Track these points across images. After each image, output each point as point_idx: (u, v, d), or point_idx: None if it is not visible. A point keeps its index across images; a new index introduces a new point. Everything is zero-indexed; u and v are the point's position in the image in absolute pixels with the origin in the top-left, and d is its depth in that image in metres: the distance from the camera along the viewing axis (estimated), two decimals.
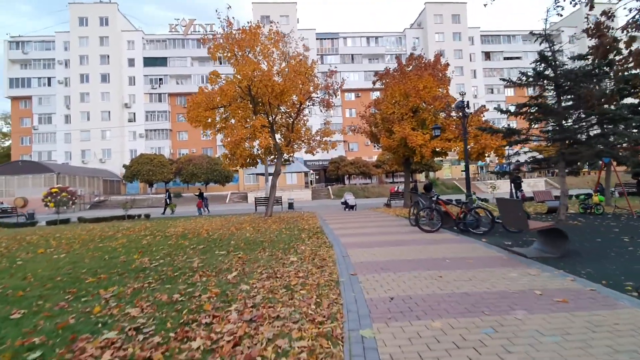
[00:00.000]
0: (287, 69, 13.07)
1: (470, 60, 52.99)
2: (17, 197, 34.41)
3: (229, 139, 11.99)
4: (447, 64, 17.32)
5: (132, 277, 5.15)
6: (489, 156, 17.06)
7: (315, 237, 8.30)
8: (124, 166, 41.66)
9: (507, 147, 14.40)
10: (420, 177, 48.90)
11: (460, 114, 9.19)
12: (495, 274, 4.41)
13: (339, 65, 53.13)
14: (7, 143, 59.54)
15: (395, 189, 29.44)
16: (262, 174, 36.35)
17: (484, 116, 16.76)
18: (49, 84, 49.89)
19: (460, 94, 10.00)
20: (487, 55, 54.39)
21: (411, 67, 17.44)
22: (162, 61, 51.05)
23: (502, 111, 9.27)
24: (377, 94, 17.58)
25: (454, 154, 19.39)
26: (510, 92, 54.13)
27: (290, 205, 20.36)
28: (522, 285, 3.91)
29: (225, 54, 13.30)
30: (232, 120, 14.09)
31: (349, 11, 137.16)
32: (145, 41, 51.64)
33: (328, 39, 53.19)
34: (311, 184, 46.61)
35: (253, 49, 13.41)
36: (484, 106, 17.17)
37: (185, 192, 43.18)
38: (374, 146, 21.41)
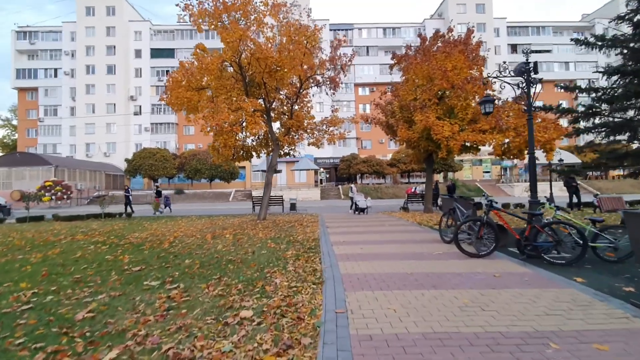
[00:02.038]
0: (283, 39, 10.52)
1: (495, 53, 49.26)
2: (13, 190, 33.11)
3: (209, 123, 9.59)
4: (480, 42, 14.44)
5: None
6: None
7: (305, 257, 5.74)
8: (126, 160, 40.10)
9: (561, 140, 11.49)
10: (438, 177, 45.68)
11: (523, 85, 6.37)
12: None
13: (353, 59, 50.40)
14: (17, 135, 59.22)
15: (412, 190, 26.57)
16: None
17: (523, 104, 13.81)
18: (55, 75, 48.96)
19: (524, 52, 7.25)
20: (514, 48, 50.57)
21: (436, 47, 14.62)
22: (169, 52, 49.35)
23: (578, 89, 6.45)
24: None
25: (483, 150, 16.56)
26: (537, 87, 50.13)
27: (293, 206, 17.88)
28: None
29: (210, 22, 10.87)
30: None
31: (364, 1, 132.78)
32: (152, 32, 50.10)
33: (342, 30, 50.43)
34: (320, 182, 44.09)
35: (245, 16, 10.93)
36: (521, 96, 14.22)
37: (189, 188, 41.32)
38: (390, 140, 18.62)
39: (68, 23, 48.92)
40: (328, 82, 12.11)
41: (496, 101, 13.99)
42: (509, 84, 6.47)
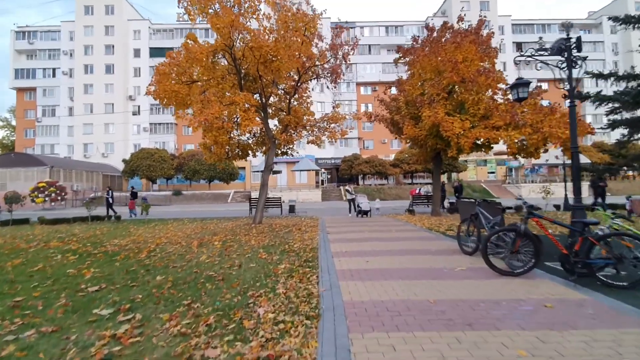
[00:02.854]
0: (279, 25, 9.56)
1: (500, 51, 48.03)
2: (7, 191, 32.29)
3: (197, 118, 8.66)
4: (492, 32, 13.48)
5: None
6: (546, 151, 13.11)
7: (300, 274, 4.79)
8: (123, 161, 39.29)
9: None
10: (442, 178, 44.63)
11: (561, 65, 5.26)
12: None
13: (355, 57, 49.23)
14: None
15: (417, 191, 25.54)
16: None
17: (541, 99, 12.82)
18: (54, 75, 48.33)
19: (563, 25, 6.24)
20: (519, 47, 49.38)
21: (444, 39, 13.65)
22: (169, 52, 48.52)
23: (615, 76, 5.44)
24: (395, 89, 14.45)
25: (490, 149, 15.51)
26: (543, 85, 49.07)
27: (292, 209, 16.94)
28: None
29: (201, 9, 9.96)
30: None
31: (367, 0, 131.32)
32: (152, 31, 49.39)
33: (343, 28, 49.40)
34: (322, 183, 43.13)
35: (238, 2, 10.00)
36: (540, 86, 13.25)
37: (188, 189, 40.46)
38: (395, 138, 17.63)
39: (67, 22, 48.32)
40: (328, 75, 11.15)
41: (509, 95, 13.04)
42: (546, 64, 5.53)
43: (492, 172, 47.80)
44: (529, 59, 5.91)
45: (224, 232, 9.88)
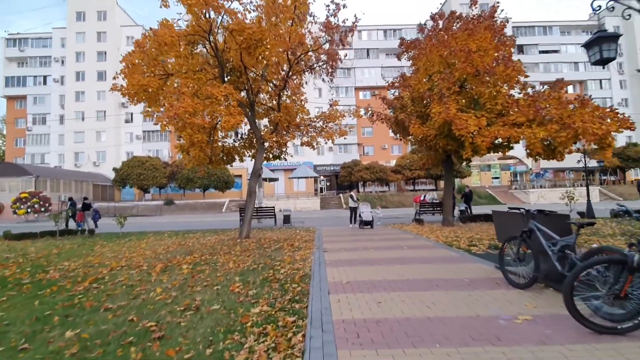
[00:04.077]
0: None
1: None
2: None
3: (167, 114, 7.18)
4: (507, 20, 12.08)
5: None
6: (570, 152, 11.62)
7: (279, 326, 3.21)
8: (114, 169, 37.71)
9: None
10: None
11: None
12: None
13: (352, 61, 48.41)
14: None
15: (421, 198, 23.98)
16: (265, 179, 31.62)
17: (566, 92, 11.36)
18: (45, 83, 47.15)
19: None
20: (521, 49, 48.34)
21: (455, 27, 12.26)
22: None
23: None
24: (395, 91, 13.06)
25: (492, 154, 14.03)
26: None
27: (287, 219, 15.35)
28: None
29: None
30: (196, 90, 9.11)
31: (364, 2, 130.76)
32: None
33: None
34: (320, 191, 41.57)
35: None
36: (562, 79, 11.81)
37: (182, 198, 38.84)
38: (395, 143, 16.19)
39: (58, 29, 47.33)
40: (324, 66, 9.69)
41: (529, 89, 11.62)
42: (636, 10, 4.07)
43: (497, 178, 46.34)
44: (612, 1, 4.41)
45: (202, 250, 8.30)
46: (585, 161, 14.67)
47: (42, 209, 28.44)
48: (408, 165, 37.98)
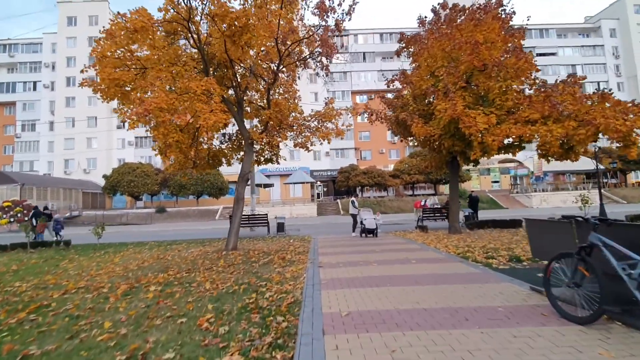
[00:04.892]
0: None
1: None
2: None
3: (135, 109, 6.21)
4: (513, 12, 11.26)
5: None
6: (585, 152, 10.76)
7: None
8: (104, 176, 36.53)
9: None
10: (444, 189, 42.28)
11: None
12: None
13: (349, 65, 47.83)
14: None
15: (422, 202, 23.03)
16: (260, 185, 30.58)
17: (581, 88, 10.49)
18: (35, 89, 46.11)
19: None
20: None
21: (460, 20, 11.43)
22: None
23: None
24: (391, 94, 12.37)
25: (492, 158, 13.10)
26: None
27: (280, 227, 14.32)
28: None
29: None
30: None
31: (361, 6, 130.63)
32: None
33: (337, 36, 47.87)
34: (317, 197, 40.55)
35: None
36: (575, 74, 10.96)
37: (175, 205, 37.65)
38: (401, 141, 15.29)
39: (49, 34, 46.42)
40: (319, 58, 8.76)
41: (541, 84, 10.77)
42: None
43: (496, 182, 45.60)
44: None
45: (180, 266, 7.26)
46: (596, 163, 13.81)
47: (26, 219, 27.22)
48: (407, 169, 37.14)
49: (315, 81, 42.93)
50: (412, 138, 12.73)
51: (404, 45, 12.78)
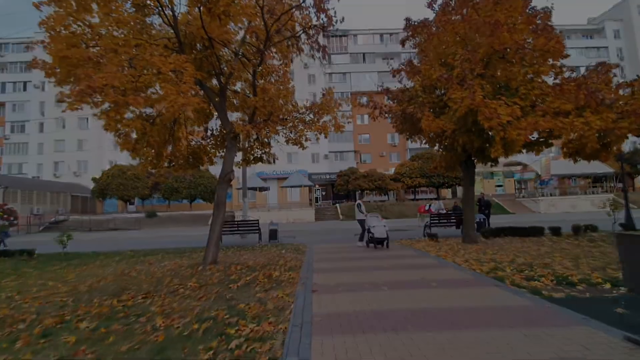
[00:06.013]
0: None
1: None
2: None
3: (77, 87, 4.87)
4: None
5: None
6: (619, 150, 9.44)
7: None
8: (93, 179, 35.06)
9: None
10: (447, 193, 40.95)
11: None
12: None
13: (348, 66, 46.75)
14: None
15: (427, 207, 21.68)
16: (255, 188, 29.13)
17: (614, 76, 9.14)
18: (25, 89, 44.78)
19: None
20: None
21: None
22: None
23: None
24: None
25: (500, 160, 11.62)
26: None
27: (273, 234, 12.89)
28: None
29: None
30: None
31: (360, 6, 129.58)
32: None
33: (336, 36, 46.84)
34: (316, 201, 39.10)
35: None
36: (605, 61, 9.64)
37: (166, 210, 36.15)
38: (407, 139, 13.92)
39: (40, 33, 44.98)
40: (314, 37, 7.42)
41: (568, 73, 9.48)
42: None
43: (500, 186, 44.27)
44: None
45: (142, 285, 5.84)
46: (622, 165, 12.49)
47: (7, 223, 25.70)
48: (408, 173, 35.77)
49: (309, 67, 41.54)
50: (416, 136, 11.41)
51: (410, 33, 11.49)
